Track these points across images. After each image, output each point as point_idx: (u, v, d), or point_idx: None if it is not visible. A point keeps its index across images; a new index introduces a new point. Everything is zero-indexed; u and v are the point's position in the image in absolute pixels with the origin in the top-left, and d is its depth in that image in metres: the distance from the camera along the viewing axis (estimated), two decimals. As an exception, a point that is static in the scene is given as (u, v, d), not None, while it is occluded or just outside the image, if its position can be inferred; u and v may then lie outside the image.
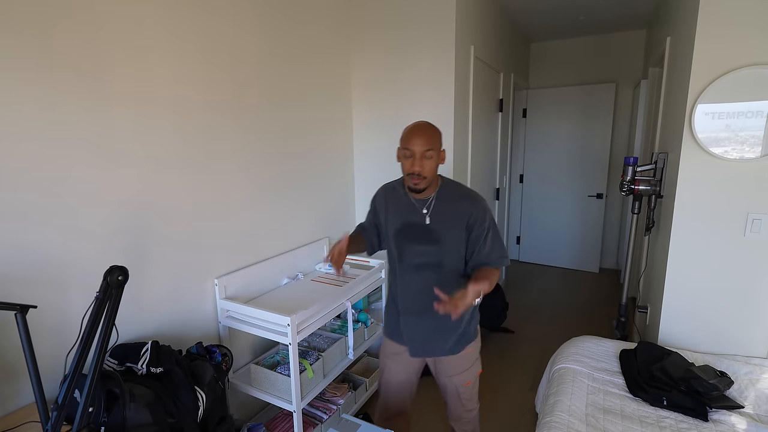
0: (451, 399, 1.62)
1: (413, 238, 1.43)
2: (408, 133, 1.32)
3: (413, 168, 1.31)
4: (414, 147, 1.29)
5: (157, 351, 1.39)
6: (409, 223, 1.44)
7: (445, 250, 1.42)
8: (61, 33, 1.26)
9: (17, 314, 0.97)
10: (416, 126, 1.33)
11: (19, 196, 1.21)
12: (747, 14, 1.81)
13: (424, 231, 1.42)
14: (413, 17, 2.48)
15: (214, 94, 1.78)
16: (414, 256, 1.44)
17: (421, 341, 1.52)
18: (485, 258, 1.42)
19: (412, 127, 1.33)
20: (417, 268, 1.45)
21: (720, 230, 1.99)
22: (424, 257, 1.43)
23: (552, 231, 4.81)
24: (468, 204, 1.40)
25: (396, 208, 1.47)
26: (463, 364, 1.54)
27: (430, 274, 1.44)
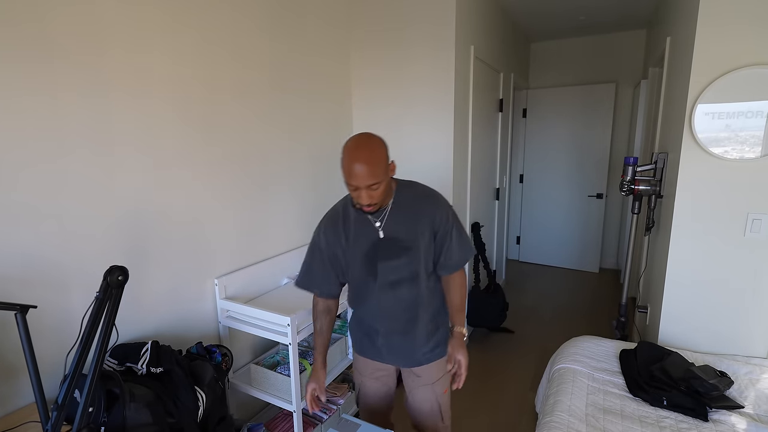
0: (431, 412, 1.50)
1: (382, 254, 1.32)
2: (347, 166, 1.15)
3: (361, 200, 1.19)
4: (356, 182, 1.15)
5: (157, 351, 1.39)
6: (373, 241, 1.32)
7: (417, 259, 1.33)
8: (61, 35, 1.26)
9: (17, 314, 0.97)
10: (355, 156, 1.14)
11: (19, 196, 1.21)
12: (747, 14, 1.81)
13: (389, 244, 1.31)
14: (413, 17, 2.48)
15: (214, 94, 1.78)
16: (387, 273, 1.34)
17: (405, 357, 1.45)
18: (455, 257, 1.36)
19: (350, 158, 1.14)
20: (392, 286, 1.35)
21: (720, 230, 1.99)
22: (396, 273, 1.33)
23: (552, 231, 4.81)
24: (428, 204, 1.33)
25: (355, 230, 1.33)
26: (441, 369, 1.47)
27: (408, 288, 1.36)
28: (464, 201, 2.86)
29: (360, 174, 1.13)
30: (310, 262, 1.43)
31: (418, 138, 2.61)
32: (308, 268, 1.43)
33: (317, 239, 1.40)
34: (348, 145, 1.17)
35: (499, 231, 3.85)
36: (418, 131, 2.60)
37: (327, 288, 1.43)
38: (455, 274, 1.39)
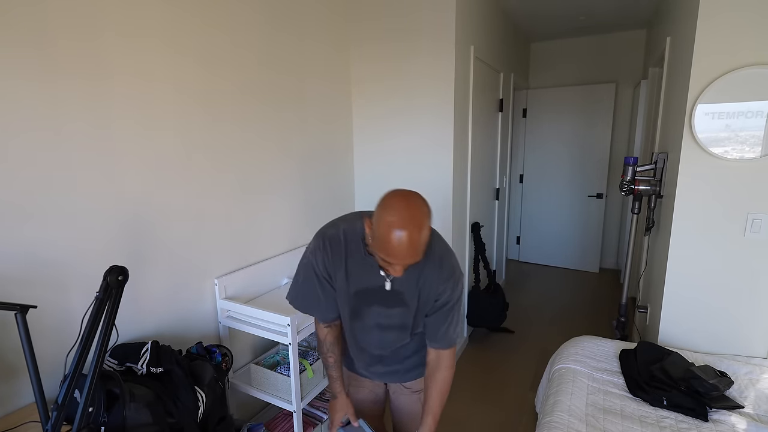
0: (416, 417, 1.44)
1: (378, 300, 1.20)
2: (388, 243, 0.95)
3: (392, 272, 1.04)
4: (397, 262, 0.99)
5: (157, 351, 1.39)
6: (371, 288, 1.19)
7: (411, 315, 1.22)
8: (62, 38, 1.26)
9: (17, 314, 0.97)
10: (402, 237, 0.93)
11: (19, 196, 1.21)
12: (747, 14, 1.81)
13: (388, 294, 1.19)
14: (413, 17, 2.48)
15: (213, 93, 1.78)
16: (378, 317, 1.23)
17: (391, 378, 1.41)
18: (442, 335, 1.22)
19: (395, 238, 0.94)
20: (381, 328, 1.25)
21: (720, 230, 1.99)
22: (388, 319, 1.23)
23: (552, 231, 4.81)
24: (443, 274, 1.17)
25: (357, 267, 1.17)
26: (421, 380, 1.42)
27: (396, 334, 1.27)
28: (464, 201, 2.86)
29: (403, 256, 0.96)
30: (306, 283, 1.22)
31: (418, 138, 2.61)
32: (305, 290, 1.23)
33: (313, 262, 1.19)
34: (392, 220, 0.93)
35: (499, 231, 3.85)
36: (418, 131, 2.60)
37: (332, 312, 1.26)
38: (449, 357, 1.26)
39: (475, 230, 3.07)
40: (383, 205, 0.97)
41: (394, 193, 1.00)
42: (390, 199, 0.98)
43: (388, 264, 1.02)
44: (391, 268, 1.03)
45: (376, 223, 0.97)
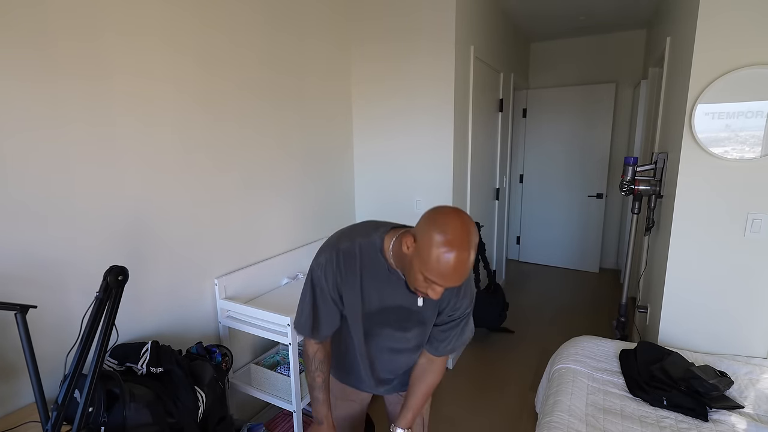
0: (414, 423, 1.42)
1: (393, 321, 1.13)
2: (445, 270, 0.88)
3: (430, 294, 0.95)
4: (444, 284, 0.91)
5: (157, 351, 1.39)
6: (390, 306, 1.10)
7: (428, 332, 1.18)
8: (62, 39, 1.26)
9: (17, 314, 0.97)
10: (456, 259, 0.87)
11: (20, 196, 1.21)
12: (747, 14, 1.81)
13: (410, 315, 1.12)
14: (413, 17, 2.48)
15: (213, 93, 1.78)
16: (388, 340, 1.16)
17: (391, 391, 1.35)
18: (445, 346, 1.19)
19: (450, 264, 0.87)
20: (392, 351, 1.20)
21: (720, 230, 1.99)
22: (403, 343, 1.17)
23: (552, 231, 4.81)
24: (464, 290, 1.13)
25: (374, 284, 1.08)
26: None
27: (407, 356, 1.23)
28: (464, 201, 2.86)
29: (454, 279, 0.89)
30: (315, 304, 1.12)
31: (418, 138, 2.61)
32: (315, 312, 1.13)
33: (321, 277, 1.09)
34: (449, 240, 0.86)
35: (499, 231, 3.85)
36: (418, 131, 2.60)
37: (329, 330, 1.17)
38: (441, 363, 1.24)
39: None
40: (436, 223, 0.88)
41: (448, 212, 0.91)
42: (444, 217, 0.89)
43: (427, 285, 0.93)
44: (431, 290, 0.94)
45: (425, 242, 0.88)
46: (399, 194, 2.75)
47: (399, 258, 1.00)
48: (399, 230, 1.05)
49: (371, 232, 1.08)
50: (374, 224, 1.11)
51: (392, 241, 1.03)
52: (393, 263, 1.04)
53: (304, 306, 1.15)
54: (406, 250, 0.93)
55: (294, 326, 1.20)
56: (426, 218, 0.92)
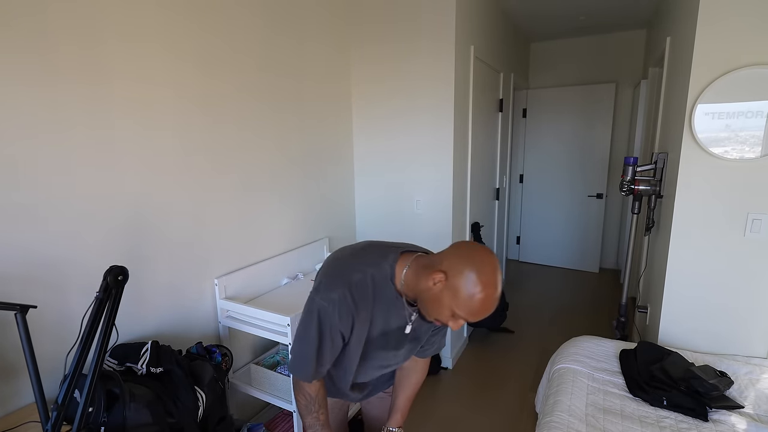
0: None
1: (390, 342, 1.11)
2: (478, 308, 0.90)
3: (452, 326, 0.98)
4: (473, 319, 0.94)
5: (157, 351, 1.39)
6: (390, 330, 1.08)
7: (420, 344, 1.19)
8: (63, 44, 1.26)
9: (17, 314, 0.97)
10: (490, 297, 0.90)
11: (20, 196, 1.21)
12: (747, 14, 1.81)
13: (404, 335, 1.11)
14: (413, 17, 2.48)
15: (213, 95, 1.78)
16: (381, 360, 1.15)
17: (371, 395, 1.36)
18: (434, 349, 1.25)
19: (484, 303, 0.90)
20: (380, 368, 1.19)
21: (720, 230, 1.99)
22: (394, 359, 1.16)
23: (552, 231, 4.81)
24: None
25: (382, 312, 1.05)
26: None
27: (394, 368, 1.24)
28: (464, 201, 2.86)
29: (483, 315, 0.92)
30: (322, 346, 1.03)
31: (418, 138, 2.61)
32: (320, 354, 1.04)
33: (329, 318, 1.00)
34: (487, 281, 0.89)
35: (499, 231, 3.85)
36: (419, 131, 2.60)
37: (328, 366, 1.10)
38: (426, 362, 1.29)
39: (475, 230, 3.07)
40: (472, 263, 0.89)
41: (482, 251, 0.93)
42: (480, 256, 0.91)
43: (453, 318, 0.94)
44: (452, 322, 0.95)
45: (459, 280, 0.89)
46: (399, 194, 2.75)
47: (415, 289, 0.98)
48: (408, 256, 1.03)
49: (380, 261, 1.03)
50: (380, 249, 1.07)
51: (404, 270, 1.00)
52: (403, 291, 1.02)
53: (306, 348, 1.03)
54: (433, 285, 0.92)
55: (291, 370, 1.09)
56: (459, 256, 0.92)
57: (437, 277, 0.91)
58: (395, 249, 1.05)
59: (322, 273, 1.06)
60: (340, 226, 2.76)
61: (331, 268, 1.05)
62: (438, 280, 0.91)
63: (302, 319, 1.05)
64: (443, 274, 0.91)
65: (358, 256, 1.06)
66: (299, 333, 1.05)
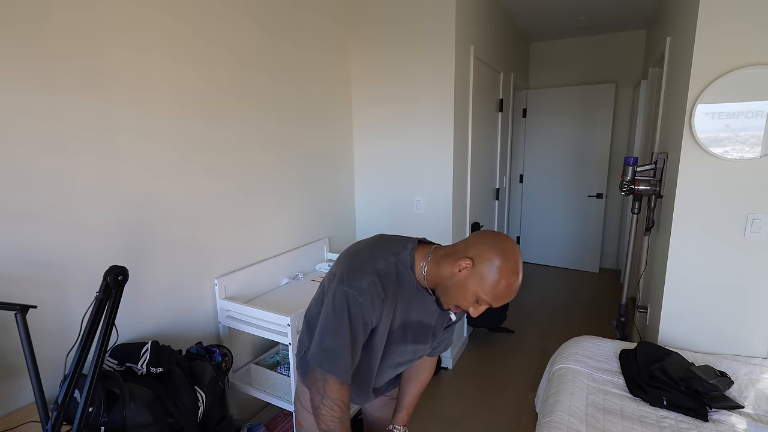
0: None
1: (410, 338, 1.10)
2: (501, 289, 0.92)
3: (472, 312, 0.98)
4: (497, 304, 0.96)
5: (156, 351, 1.39)
6: (410, 322, 1.08)
7: (432, 344, 1.18)
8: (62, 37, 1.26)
9: (17, 314, 0.97)
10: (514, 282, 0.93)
11: (19, 196, 1.21)
12: (747, 14, 1.81)
13: (425, 329, 1.12)
14: (413, 17, 2.48)
15: (213, 94, 1.78)
16: (399, 356, 1.12)
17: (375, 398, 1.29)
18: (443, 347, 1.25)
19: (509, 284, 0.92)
20: (397, 366, 1.17)
21: (720, 230, 1.99)
22: (410, 355, 1.14)
23: (552, 231, 4.81)
24: None
25: (406, 303, 1.05)
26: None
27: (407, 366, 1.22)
28: (464, 201, 2.86)
29: (505, 300, 0.95)
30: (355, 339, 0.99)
31: (418, 138, 2.61)
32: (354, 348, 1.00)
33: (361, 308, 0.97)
34: (512, 267, 0.92)
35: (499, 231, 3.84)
36: (418, 131, 2.60)
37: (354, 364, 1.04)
38: (433, 361, 1.29)
39: (475, 230, 3.07)
40: (499, 249, 0.92)
41: (507, 239, 0.96)
42: (505, 244, 0.94)
43: (476, 304, 0.96)
44: (473, 308, 0.97)
45: (486, 266, 0.92)
46: (399, 194, 2.75)
47: (436, 277, 1.00)
48: (426, 246, 1.05)
49: (400, 249, 1.04)
50: (397, 240, 1.07)
51: (424, 259, 1.02)
52: (422, 281, 1.03)
53: (340, 342, 0.97)
54: (458, 271, 0.94)
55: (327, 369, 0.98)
56: (485, 244, 0.94)
57: (464, 263, 0.93)
58: (411, 240, 1.07)
59: (345, 265, 1.03)
60: (341, 226, 2.76)
61: (353, 259, 1.03)
62: (465, 266, 0.93)
63: (328, 313, 0.99)
64: (470, 260, 0.93)
65: (379, 245, 1.06)
66: (330, 328, 0.98)
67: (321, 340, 0.99)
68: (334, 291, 0.99)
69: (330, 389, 1.00)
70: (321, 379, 1.00)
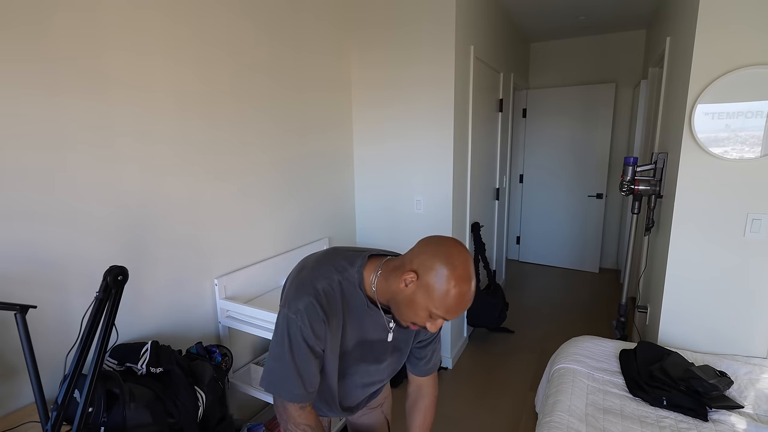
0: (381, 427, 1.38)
1: (370, 356, 1.05)
2: (452, 300, 0.85)
3: (430, 328, 0.91)
4: (450, 317, 0.89)
5: (156, 351, 1.39)
6: (367, 341, 1.02)
7: (400, 361, 1.14)
8: (63, 40, 1.26)
9: (17, 314, 0.97)
10: (465, 292, 0.86)
11: (19, 196, 1.21)
12: (747, 14, 1.81)
13: (385, 347, 1.06)
14: (413, 17, 2.48)
15: (213, 96, 1.78)
16: (363, 376, 1.09)
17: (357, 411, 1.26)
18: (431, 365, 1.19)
19: (459, 294, 0.85)
20: (365, 387, 1.13)
21: (720, 230, 1.99)
22: (377, 375, 1.10)
23: (552, 231, 4.81)
24: None
25: (355, 323, 0.99)
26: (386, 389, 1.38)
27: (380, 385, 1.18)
28: (464, 201, 2.86)
29: (460, 312, 0.88)
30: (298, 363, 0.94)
31: (418, 138, 2.61)
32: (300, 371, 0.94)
33: (300, 330, 0.92)
34: (460, 275, 0.84)
35: (499, 231, 3.85)
36: (418, 131, 2.60)
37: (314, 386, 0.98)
38: (431, 384, 1.21)
39: (475, 230, 3.07)
40: (441, 257, 0.85)
41: (450, 244, 0.88)
42: (449, 250, 0.86)
43: (431, 319, 0.90)
44: (430, 323, 0.90)
45: (431, 278, 0.85)
46: (399, 194, 2.75)
47: (386, 293, 0.93)
48: (377, 260, 0.98)
49: (347, 267, 0.97)
50: (345, 255, 1.01)
51: (374, 274, 0.95)
52: (373, 298, 0.97)
53: (282, 366, 0.94)
54: (405, 286, 0.87)
55: (275, 393, 0.95)
56: (427, 252, 0.87)
57: (408, 277, 0.86)
58: (362, 253, 1.00)
59: (289, 283, 0.99)
60: (340, 226, 2.76)
61: (296, 280, 0.98)
62: (410, 280, 0.86)
63: (274, 336, 0.97)
64: (414, 273, 0.86)
65: (322, 263, 0.99)
66: (273, 352, 0.95)
67: (268, 364, 0.97)
68: (279, 313, 0.96)
69: (291, 414, 0.96)
70: (280, 405, 0.97)
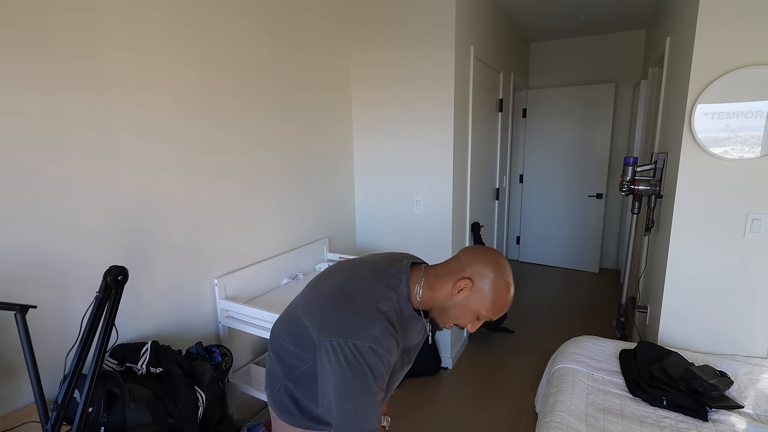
0: None
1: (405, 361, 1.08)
2: (502, 301, 0.95)
3: (470, 328, 1.01)
4: (496, 317, 0.98)
5: (156, 351, 1.39)
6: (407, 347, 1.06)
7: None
8: (62, 39, 1.26)
9: (17, 314, 0.97)
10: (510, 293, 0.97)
11: (19, 197, 1.21)
12: (747, 14, 1.81)
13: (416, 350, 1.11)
14: (413, 17, 2.48)
15: (213, 95, 1.78)
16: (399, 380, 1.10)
17: None
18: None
19: (508, 296, 0.96)
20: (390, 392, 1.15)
21: (720, 230, 1.99)
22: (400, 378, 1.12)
23: (552, 231, 4.81)
24: None
25: (405, 336, 1.01)
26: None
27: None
28: (464, 201, 2.86)
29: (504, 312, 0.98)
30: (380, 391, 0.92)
31: (418, 138, 2.61)
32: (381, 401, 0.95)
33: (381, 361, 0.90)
34: (509, 280, 0.96)
35: (499, 231, 3.85)
36: (419, 131, 2.60)
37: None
38: None
39: (475, 230, 3.07)
40: (494, 265, 0.95)
41: (498, 255, 0.99)
42: (497, 259, 0.97)
43: (477, 321, 0.99)
44: (472, 325, 1.00)
45: (486, 284, 0.94)
46: (399, 194, 2.75)
47: (431, 300, 0.99)
48: (417, 269, 1.02)
49: (397, 283, 0.99)
50: (388, 271, 1.02)
51: (418, 285, 0.99)
52: (417, 307, 0.99)
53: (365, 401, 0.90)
54: (457, 292, 0.95)
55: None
56: (478, 262, 0.96)
57: (462, 283, 0.94)
58: (400, 264, 1.03)
59: (338, 309, 0.96)
60: (340, 226, 2.76)
61: (348, 304, 0.95)
62: (464, 286, 0.94)
63: (344, 374, 0.88)
64: (468, 280, 0.94)
65: (375, 282, 0.99)
66: (349, 389, 0.89)
67: (341, 407, 0.90)
68: (340, 346, 0.89)
69: None
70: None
